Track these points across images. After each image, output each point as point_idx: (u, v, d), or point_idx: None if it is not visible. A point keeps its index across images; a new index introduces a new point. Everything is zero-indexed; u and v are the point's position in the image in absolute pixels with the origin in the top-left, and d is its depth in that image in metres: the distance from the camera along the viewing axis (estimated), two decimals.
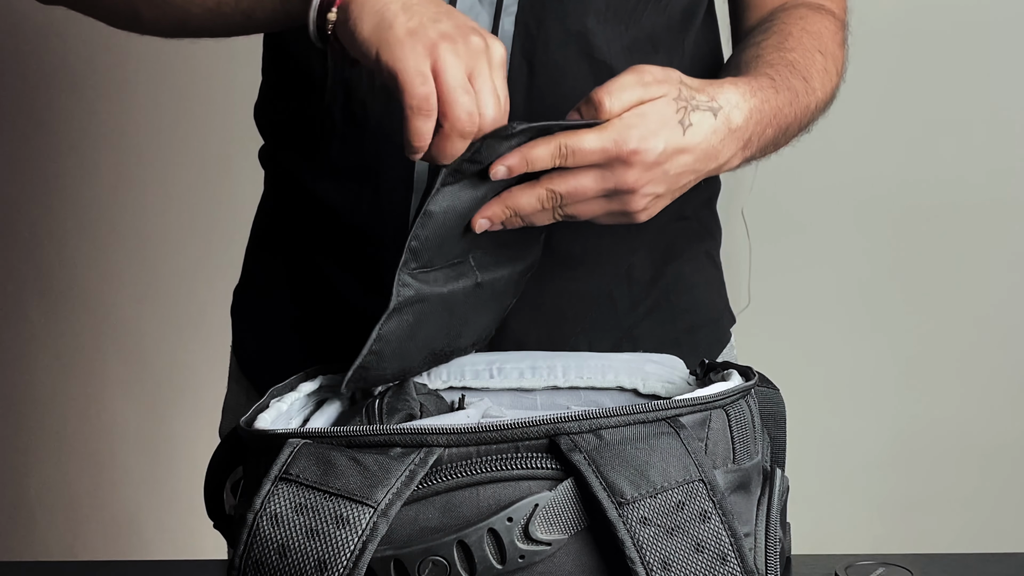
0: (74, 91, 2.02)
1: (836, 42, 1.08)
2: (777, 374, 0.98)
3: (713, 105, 0.90)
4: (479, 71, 0.83)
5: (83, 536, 2.20)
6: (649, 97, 0.87)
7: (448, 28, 0.83)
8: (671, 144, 0.87)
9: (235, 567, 0.76)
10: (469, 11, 1.00)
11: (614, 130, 0.86)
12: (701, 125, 0.89)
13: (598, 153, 0.86)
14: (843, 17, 1.13)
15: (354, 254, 1.08)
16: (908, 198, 1.99)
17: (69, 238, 2.08)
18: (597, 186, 0.87)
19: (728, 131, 0.91)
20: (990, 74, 1.95)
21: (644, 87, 0.87)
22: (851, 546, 1.73)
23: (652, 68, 0.89)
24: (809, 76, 1.01)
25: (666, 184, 0.89)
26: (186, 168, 2.04)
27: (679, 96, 0.88)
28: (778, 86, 0.97)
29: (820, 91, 1.03)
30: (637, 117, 0.86)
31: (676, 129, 0.88)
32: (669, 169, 0.88)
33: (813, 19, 1.08)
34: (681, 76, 0.90)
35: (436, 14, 0.84)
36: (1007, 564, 1.05)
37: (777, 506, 0.86)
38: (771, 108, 0.95)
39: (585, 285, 1.08)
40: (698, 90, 0.90)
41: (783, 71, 0.99)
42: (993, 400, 2.06)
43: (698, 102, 0.89)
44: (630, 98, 0.86)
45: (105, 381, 2.15)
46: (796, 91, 0.99)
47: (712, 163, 0.91)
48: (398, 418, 0.89)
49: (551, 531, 0.76)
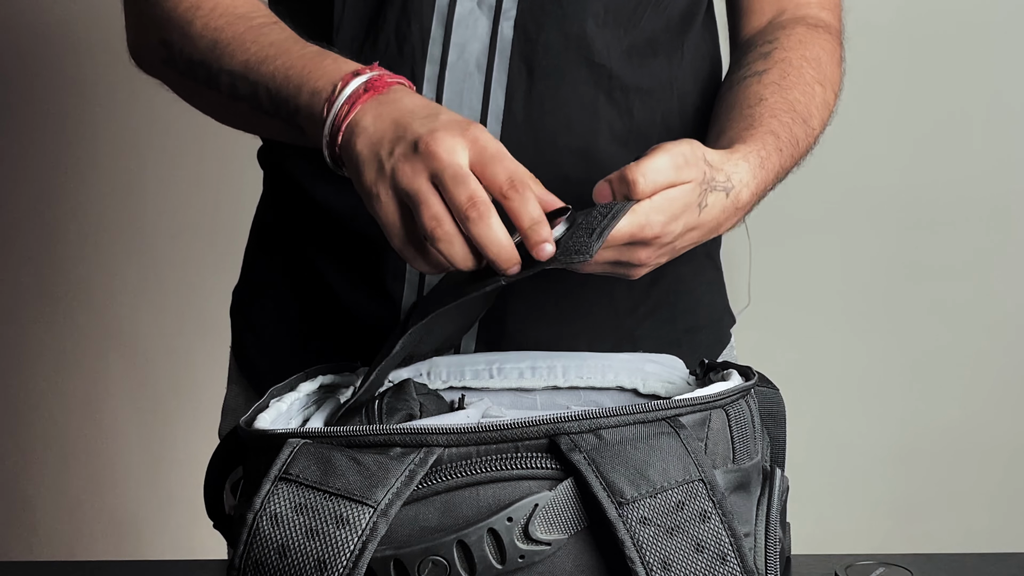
0: (74, 91, 2.02)
1: (834, 63, 1.09)
2: (777, 374, 0.98)
3: (728, 185, 0.92)
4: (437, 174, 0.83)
5: (83, 536, 2.20)
6: (679, 181, 0.88)
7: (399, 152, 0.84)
8: (688, 225, 0.89)
9: (235, 567, 0.76)
10: (468, 16, 1.01)
11: (643, 214, 0.86)
12: (714, 206, 0.91)
13: (626, 237, 0.86)
14: (839, 26, 1.14)
15: (352, 256, 1.08)
16: (909, 199, 1.99)
17: (69, 238, 2.08)
18: (612, 258, 0.88)
19: (735, 209, 0.93)
20: (994, 77, 1.95)
21: (676, 170, 0.87)
22: (851, 546, 1.73)
23: (682, 146, 0.88)
24: (809, 116, 1.03)
25: (670, 256, 0.91)
26: (186, 168, 2.04)
27: (703, 180, 0.89)
28: (782, 144, 0.98)
29: (819, 128, 1.04)
30: (666, 201, 0.87)
31: (694, 211, 0.89)
32: (678, 245, 0.90)
33: (812, 42, 1.08)
34: (704, 153, 0.90)
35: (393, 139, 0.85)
36: (1007, 564, 1.05)
37: (777, 506, 0.86)
38: (774, 172, 0.97)
39: (585, 287, 1.08)
40: (717, 169, 0.91)
41: (786, 120, 1.00)
42: (993, 401, 2.06)
43: (716, 183, 0.91)
44: (662, 181, 0.87)
45: (105, 381, 2.15)
46: (797, 141, 1.00)
47: (712, 235, 0.94)
48: (398, 418, 0.89)
49: (551, 531, 0.76)
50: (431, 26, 1.01)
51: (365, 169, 0.86)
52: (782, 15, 1.13)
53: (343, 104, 0.88)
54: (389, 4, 1.02)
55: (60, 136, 2.05)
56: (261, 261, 1.19)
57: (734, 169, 0.93)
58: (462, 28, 1.01)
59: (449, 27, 1.01)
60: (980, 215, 1.99)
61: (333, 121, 0.88)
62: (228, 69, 0.97)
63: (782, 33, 1.10)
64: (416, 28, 1.01)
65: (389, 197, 0.84)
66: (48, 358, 2.13)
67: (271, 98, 0.94)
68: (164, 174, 2.05)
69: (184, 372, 2.11)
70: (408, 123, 0.85)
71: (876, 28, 1.90)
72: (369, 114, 0.87)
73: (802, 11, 1.12)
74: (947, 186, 1.98)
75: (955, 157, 1.97)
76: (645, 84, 1.06)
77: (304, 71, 0.92)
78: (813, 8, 1.13)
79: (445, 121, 0.85)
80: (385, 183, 0.84)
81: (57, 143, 2.05)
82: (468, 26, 1.01)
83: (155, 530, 2.18)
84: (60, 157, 2.05)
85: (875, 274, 2.02)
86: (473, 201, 0.82)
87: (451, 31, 1.01)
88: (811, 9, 1.12)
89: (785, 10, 1.13)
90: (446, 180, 0.82)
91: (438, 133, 0.83)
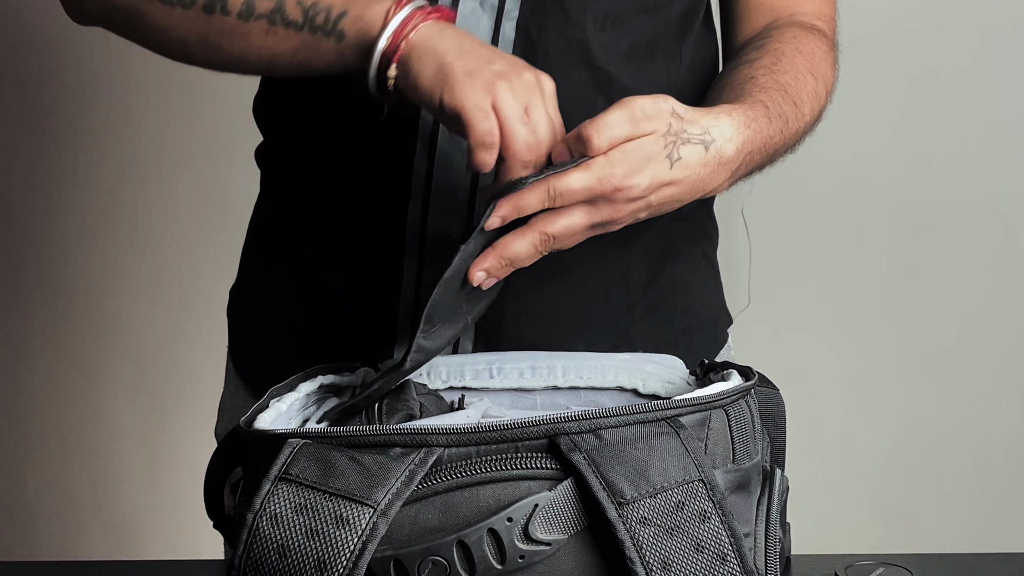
0: (73, 90, 2.02)
1: (828, 63, 1.09)
2: (777, 374, 0.98)
3: (706, 138, 0.91)
4: (534, 104, 0.88)
5: (83, 536, 2.20)
6: (637, 134, 0.88)
7: (502, 67, 0.88)
8: (657, 179, 0.89)
9: (235, 567, 0.76)
10: (471, 16, 1.01)
11: (599, 167, 0.87)
12: (690, 158, 0.90)
13: (584, 192, 0.87)
14: (833, 37, 1.14)
15: (349, 256, 1.08)
16: (908, 199, 1.99)
17: (69, 238, 2.08)
18: (585, 222, 0.89)
19: (719, 164, 0.92)
20: (989, 77, 1.95)
21: (633, 123, 0.88)
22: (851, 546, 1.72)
23: (642, 101, 0.89)
24: (800, 101, 1.02)
25: (648, 211, 0.91)
26: (184, 168, 2.04)
27: (668, 131, 0.89)
28: (771, 114, 0.98)
29: (809, 115, 1.04)
30: (622, 154, 0.88)
31: (663, 164, 0.89)
32: (653, 200, 0.90)
33: (806, 39, 1.09)
34: (674, 107, 0.90)
35: (490, 56, 0.89)
36: (1007, 564, 1.05)
37: (777, 506, 0.86)
38: (762, 138, 0.96)
39: (581, 288, 1.08)
40: (691, 122, 0.91)
41: (776, 96, 1.00)
42: (993, 401, 2.06)
43: (689, 135, 0.90)
44: (618, 134, 0.87)
45: (105, 381, 2.15)
46: (787, 118, 1.00)
47: (699, 192, 0.93)
48: (398, 418, 0.89)
49: (551, 531, 0.76)
50: None
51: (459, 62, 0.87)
52: (776, 22, 1.13)
53: (413, 10, 0.90)
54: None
55: (59, 136, 2.05)
56: (258, 261, 1.19)
57: (713, 123, 0.92)
58: (464, 27, 1.01)
59: None
60: (979, 216, 1.99)
61: (406, 16, 0.89)
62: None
63: (776, 31, 1.10)
64: None
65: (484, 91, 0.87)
66: (47, 358, 2.13)
67: (303, 7, 0.93)
68: (162, 174, 2.04)
69: (184, 372, 2.11)
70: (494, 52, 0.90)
71: (876, 27, 1.91)
72: (448, 28, 0.90)
73: (796, 19, 1.13)
74: (946, 187, 1.98)
75: (955, 158, 1.97)
76: (644, 88, 1.06)
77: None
78: (808, 17, 1.13)
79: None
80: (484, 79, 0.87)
81: (56, 143, 2.05)
82: (470, 26, 1.01)
83: (155, 530, 2.18)
84: (59, 157, 2.05)
85: (876, 275, 2.02)
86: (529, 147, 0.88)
87: None
88: (806, 18, 1.13)
89: (779, 19, 1.13)
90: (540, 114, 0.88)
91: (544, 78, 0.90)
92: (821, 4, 1.14)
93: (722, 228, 1.21)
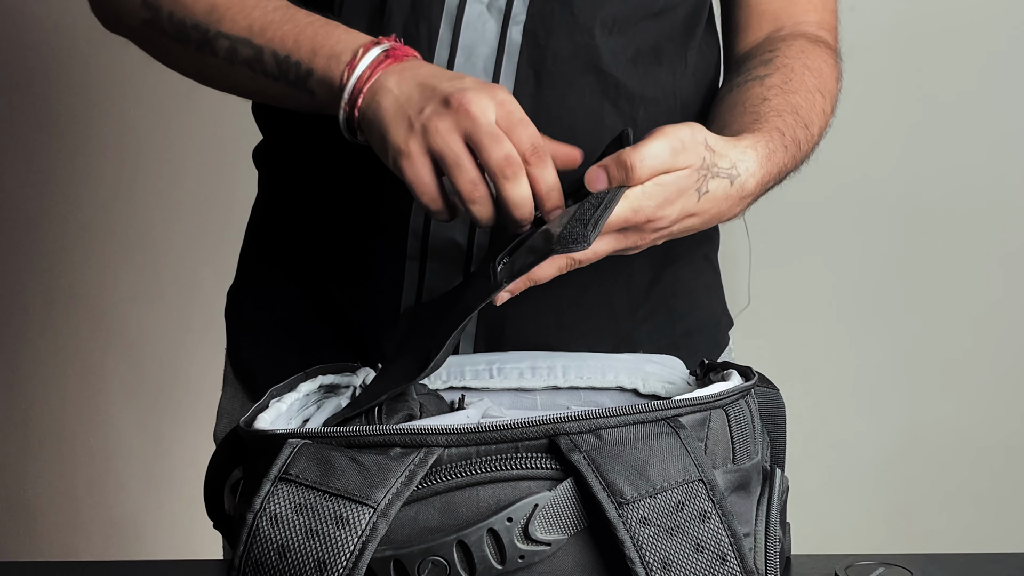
0: (73, 90, 2.02)
1: (833, 77, 1.09)
2: (777, 374, 0.98)
3: (732, 172, 0.92)
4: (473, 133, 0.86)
5: (83, 536, 2.20)
6: (676, 167, 0.88)
7: (430, 112, 0.87)
8: (684, 211, 0.90)
9: (235, 567, 0.76)
10: (477, 19, 1.00)
11: (635, 199, 0.87)
12: (716, 192, 0.91)
13: (619, 223, 0.88)
14: (836, 47, 1.14)
15: (347, 258, 1.08)
16: (909, 200, 1.99)
17: (68, 238, 2.08)
18: (611, 249, 0.90)
19: (740, 197, 0.93)
20: (990, 76, 1.95)
21: (673, 155, 0.88)
22: (851, 546, 1.72)
23: (682, 132, 0.89)
24: (811, 122, 1.03)
25: (666, 238, 0.92)
26: (183, 169, 2.04)
27: (702, 165, 0.89)
28: (786, 142, 0.99)
29: (818, 135, 1.05)
30: (658, 187, 0.88)
31: (692, 197, 0.90)
32: (675, 230, 0.91)
33: (813, 53, 1.09)
34: (707, 138, 0.90)
35: (422, 97, 0.88)
36: (1007, 564, 1.05)
37: (777, 506, 0.86)
38: (779, 168, 0.98)
39: (583, 291, 1.08)
40: (721, 155, 0.91)
41: (789, 121, 1.00)
42: (993, 401, 2.06)
43: (719, 169, 0.91)
44: (658, 166, 0.87)
45: (105, 381, 2.15)
46: (799, 142, 1.01)
47: (715, 222, 0.94)
48: (398, 418, 0.89)
49: (551, 531, 0.76)
50: (439, 27, 1.01)
51: (393, 128, 0.87)
52: (780, 31, 1.13)
53: (365, 69, 0.90)
54: (396, 2, 1.01)
55: (59, 136, 2.05)
56: (255, 263, 1.18)
57: (740, 157, 0.93)
58: (470, 31, 1.01)
59: (457, 29, 1.01)
60: (980, 217, 1.99)
61: (355, 84, 0.90)
62: (227, 33, 0.97)
63: (783, 44, 1.10)
64: (424, 29, 1.01)
65: (421, 154, 0.87)
66: (47, 358, 2.13)
67: (278, 62, 0.94)
68: (161, 175, 2.04)
69: (184, 372, 2.11)
70: (435, 84, 0.88)
71: (876, 28, 1.90)
72: (393, 77, 0.89)
73: (800, 28, 1.13)
74: (947, 188, 1.98)
75: (956, 158, 1.97)
76: (650, 93, 1.06)
77: (317, 37, 0.93)
78: (812, 27, 1.13)
79: (472, 82, 0.87)
80: (417, 140, 0.86)
81: (56, 143, 2.05)
82: (476, 29, 1.00)
83: (155, 530, 2.18)
84: (59, 157, 2.05)
85: (877, 275, 2.02)
86: (509, 161, 0.85)
87: (459, 33, 1.01)
88: (810, 28, 1.13)
89: (783, 27, 1.13)
90: (483, 138, 0.85)
91: (469, 92, 0.86)
92: (823, 12, 1.14)
93: (722, 228, 1.21)
